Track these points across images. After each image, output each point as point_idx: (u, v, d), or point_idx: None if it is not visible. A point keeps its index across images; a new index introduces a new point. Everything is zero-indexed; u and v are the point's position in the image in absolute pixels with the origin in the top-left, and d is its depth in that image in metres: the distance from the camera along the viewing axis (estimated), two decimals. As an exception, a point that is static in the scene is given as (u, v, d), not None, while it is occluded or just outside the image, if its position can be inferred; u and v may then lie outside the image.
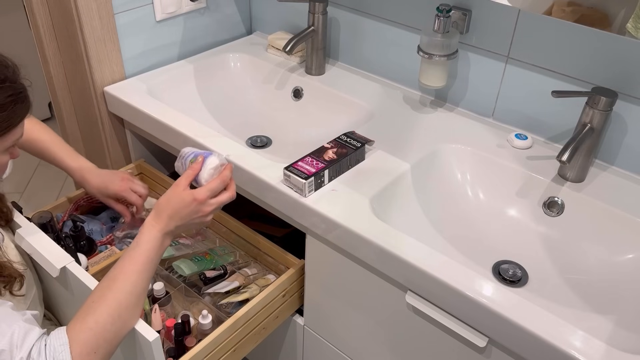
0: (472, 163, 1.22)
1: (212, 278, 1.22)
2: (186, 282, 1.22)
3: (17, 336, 0.81)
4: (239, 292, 1.19)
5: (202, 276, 1.21)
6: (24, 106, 0.88)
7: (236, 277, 1.22)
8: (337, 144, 1.17)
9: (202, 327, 1.12)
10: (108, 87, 1.41)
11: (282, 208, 1.13)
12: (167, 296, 1.19)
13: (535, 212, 1.16)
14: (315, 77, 1.50)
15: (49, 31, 1.38)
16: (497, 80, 1.28)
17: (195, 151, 1.03)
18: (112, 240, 1.30)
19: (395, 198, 1.13)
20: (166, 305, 1.19)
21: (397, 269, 0.98)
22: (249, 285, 1.20)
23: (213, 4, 1.60)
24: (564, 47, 1.15)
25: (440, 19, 1.22)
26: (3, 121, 0.85)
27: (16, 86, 0.87)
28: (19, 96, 0.87)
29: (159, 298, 1.18)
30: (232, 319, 1.09)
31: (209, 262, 1.24)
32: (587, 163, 1.14)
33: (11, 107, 0.85)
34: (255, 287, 1.19)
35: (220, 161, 1.00)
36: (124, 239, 1.31)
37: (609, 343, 0.82)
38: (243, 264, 1.29)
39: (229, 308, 1.18)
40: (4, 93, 0.84)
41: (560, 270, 1.07)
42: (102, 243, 1.28)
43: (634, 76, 1.09)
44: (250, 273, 1.24)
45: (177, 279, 1.23)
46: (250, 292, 1.18)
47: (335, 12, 1.50)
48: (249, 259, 1.31)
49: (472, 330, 0.93)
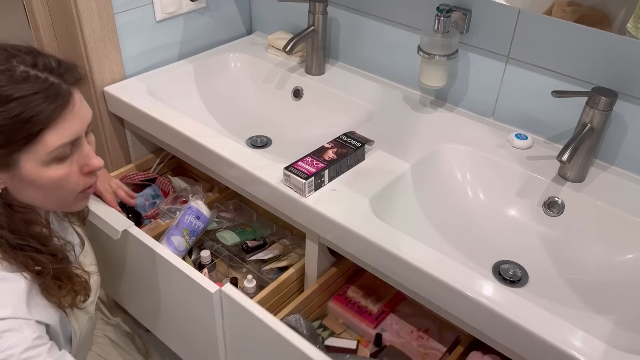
0: (472, 163, 1.22)
1: (254, 247, 1.33)
2: (229, 252, 1.32)
3: None
4: (279, 259, 1.30)
5: (244, 245, 1.33)
6: (47, 108, 0.78)
7: (276, 247, 1.33)
8: (337, 143, 1.17)
9: (247, 291, 1.23)
10: (108, 87, 1.41)
11: (282, 208, 1.13)
12: (212, 263, 1.30)
13: (536, 212, 1.15)
14: (315, 77, 1.50)
15: (49, 31, 1.38)
16: (497, 80, 1.28)
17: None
18: (156, 214, 1.41)
19: (395, 198, 1.13)
20: (212, 272, 1.29)
21: (397, 269, 0.98)
22: (288, 254, 1.31)
23: (213, 4, 1.60)
24: (564, 47, 1.15)
25: (440, 18, 1.22)
26: (15, 128, 0.76)
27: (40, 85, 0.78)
28: (36, 95, 0.77)
29: (205, 265, 1.27)
30: (275, 282, 1.17)
31: (250, 233, 1.35)
32: (587, 163, 1.14)
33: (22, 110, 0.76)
34: (295, 255, 1.30)
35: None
36: (168, 212, 1.40)
37: (609, 343, 0.82)
38: (281, 235, 1.40)
39: (271, 274, 1.28)
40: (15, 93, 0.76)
41: (561, 270, 1.07)
42: (147, 217, 1.40)
43: (634, 76, 1.09)
44: (289, 243, 1.35)
45: (221, 247, 1.33)
46: (290, 259, 1.28)
47: (335, 12, 1.50)
48: (285, 231, 1.40)
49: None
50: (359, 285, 1.25)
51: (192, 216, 1.25)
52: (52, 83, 0.79)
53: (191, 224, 1.25)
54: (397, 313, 1.20)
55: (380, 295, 1.22)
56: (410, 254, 0.95)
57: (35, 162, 0.81)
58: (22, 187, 0.84)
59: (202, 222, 1.27)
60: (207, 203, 1.34)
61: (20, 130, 0.77)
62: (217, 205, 1.42)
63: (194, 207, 1.26)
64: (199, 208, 1.27)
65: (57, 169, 0.83)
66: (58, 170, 0.83)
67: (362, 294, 1.22)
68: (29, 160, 0.80)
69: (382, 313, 1.19)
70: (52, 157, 0.81)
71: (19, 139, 0.78)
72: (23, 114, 0.76)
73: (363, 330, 1.17)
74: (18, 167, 0.80)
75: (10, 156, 0.79)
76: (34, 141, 0.79)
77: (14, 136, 0.77)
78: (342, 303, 1.21)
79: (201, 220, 1.26)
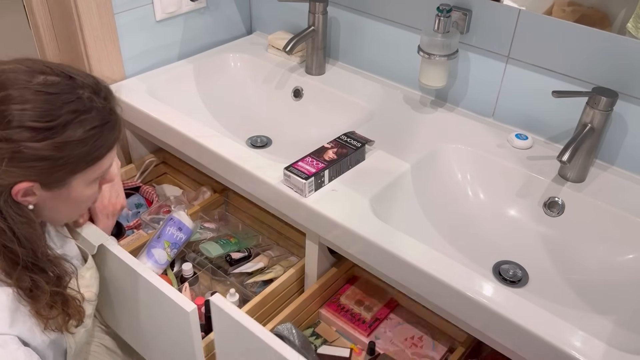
0: (473, 163, 1.22)
1: (238, 259, 1.28)
2: (213, 264, 1.28)
3: None
4: (263, 272, 1.25)
5: (228, 257, 1.28)
6: (111, 136, 0.83)
7: (260, 259, 1.29)
8: (337, 144, 1.17)
9: None
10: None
11: (282, 208, 1.13)
12: (194, 276, 1.27)
13: (536, 212, 1.15)
14: (316, 77, 1.50)
15: (49, 31, 1.38)
16: (497, 80, 1.27)
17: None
18: (139, 224, 1.35)
19: (395, 198, 1.13)
20: (194, 285, 1.26)
21: (397, 269, 0.98)
22: (273, 266, 1.27)
23: (213, 4, 1.60)
24: (564, 47, 1.15)
25: (440, 18, 1.22)
26: (85, 155, 0.79)
27: (103, 115, 0.81)
28: (105, 126, 0.81)
29: (187, 278, 1.24)
30: (259, 296, 1.13)
31: (234, 245, 1.30)
32: (587, 163, 1.14)
33: (94, 140, 0.79)
34: (280, 267, 1.26)
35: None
36: (151, 223, 1.36)
37: (609, 343, 0.82)
38: (266, 247, 1.35)
39: (255, 287, 1.24)
40: (86, 125, 0.78)
41: (561, 271, 1.07)
42: (129, 227, 1.34)
43: (635, 76, 1.09)
44: (274, 255, 1.30)
45: (204, 260, 1.29)
46: (275, 272, 1.24)
47: (335, 12, 1.49)
48: (271, 243, 1.36)
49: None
50: (352, 292, 1.24)
51: (174, 228, 1.22)
52: (110, 110, 0.83)
53: (173, 235, 1.21)
54: (390, 320, 1.20)
55: (373, 302, 1.21)
56: (410, 254, 0.95)
57: (84, 182, 0.83)
58: (56, 204, 0.83)
59: (184, 234, 1.23)
60: (191, 214, 1.31)
61: (89, 156, 0.80)
62: (201, 215, 1.38)
63: (176, 218, 1.22)
64: (181, 219, 1.22)
65: (94, 187, 0.86)
66: (94, 188, 0.86)
67: (355, 301, 1.21)
68: (80, 181, 0.82)
69: (375, 321, 1.18)
70: (99, 177, 0.85)
71: (85, 162, 0.81)
72: (96, 142, 0.80)
73: (356, 338, 1.16)
74: (68, 187, 0.81)
75: (69, 177, 0.80)
76: (95, 165, 0.82)
77: (82, 160, 0.80)
78: (334, 310, 1.20)
79: (183, 232, 1.22)
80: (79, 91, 0.79)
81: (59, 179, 0.79)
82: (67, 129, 0.76)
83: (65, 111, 0.76)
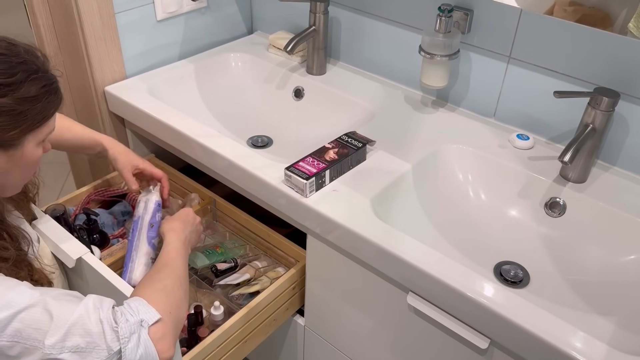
0: (474, 163, 1.22)
1: (224, 270, 1.25)
2: (198, 275, 1.25)
3: (92, 300, 0.83)
4: (250, 284, 1.22)
5: (214, 268, 1.24)
6: (56, 97, 0.86)
7: (247, 270, 1.25)
8: (338, 144, 1.16)
9: (214, 318, 1.16)
10: (109, 87, 1.41)
11: (283, 208, 1.13)
12: None
13: (537, 213, 1.15)
14: (317, 77, 1.50)
15: (50, 30, 1.38)
16: (498, 80, 1.27)
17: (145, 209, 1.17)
18: (124, 233, 1.32)
19: (396, 198, 1.13)
20: None
21: (398, 270, 0.98)
22: (259, 278, 1.24)
23: (214, 4, 1.59)
24: (565, 47, 1.15)
25: (441, 18, 1.22)
26: (38, 113, 0.82)
27: (48, 77, 0.85)
28: (52, 87, 0.85)
29: None
30: (245, 309, 1.11)
31: (220, 255, 1.27)
32: (589, 163, 1.13)
33: (45, 98, 0.83)
34: (266, 279, 1.22)
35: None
36: None
37: (610, 344, 0.82)
38: (253, 257, 1.32)
39: (240, 300, 1.21)
40: (37, 84, 0.82)
41: (562, 271, 1.07)
42: (114, 236, 1.29)
43: (636, 76, 1.08)
44: (261, 266, 1.28)
45: (189, 271, 1.23)
46: (262, 284, 1.21)
47: (336, 12, 1.49)
48: (259, 252, 1.34)
49: (473, 332, 0.93)
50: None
51: (160, 211, 1.17)
52: (52, 74, 0.86)
53: (160, 219, 1.16)
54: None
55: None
56: (411, 255, 0.95)
57: (35, 142, 0.85)
58: (10, 168, 0.84)
59: (160, 212, 1.18)
60: None
61: (41, 115, 0.83)
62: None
63: (158, 201, 1.18)
64: (159, 200, 1.18)
65: (40, 150, 0.88)
66: (40, 151, 0.88)
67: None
68: (32, 141, 0.84)
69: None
70: (46, 137, 0.87)
71: (38, 122, 0.83)
72: (47, 100, 0.83)
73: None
74: (22, 147, 0.83)
75: (22, 137, 0.82)
76: (44, 125, 0.85)
77: (35, 119, 0.82)
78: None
79: (160, 210, 1.18)
80: (24, 56, 0.83)
81: (14, 138, 0.82)
82: (24, 86, 0.80)
83: (19, 70, 0.80)
